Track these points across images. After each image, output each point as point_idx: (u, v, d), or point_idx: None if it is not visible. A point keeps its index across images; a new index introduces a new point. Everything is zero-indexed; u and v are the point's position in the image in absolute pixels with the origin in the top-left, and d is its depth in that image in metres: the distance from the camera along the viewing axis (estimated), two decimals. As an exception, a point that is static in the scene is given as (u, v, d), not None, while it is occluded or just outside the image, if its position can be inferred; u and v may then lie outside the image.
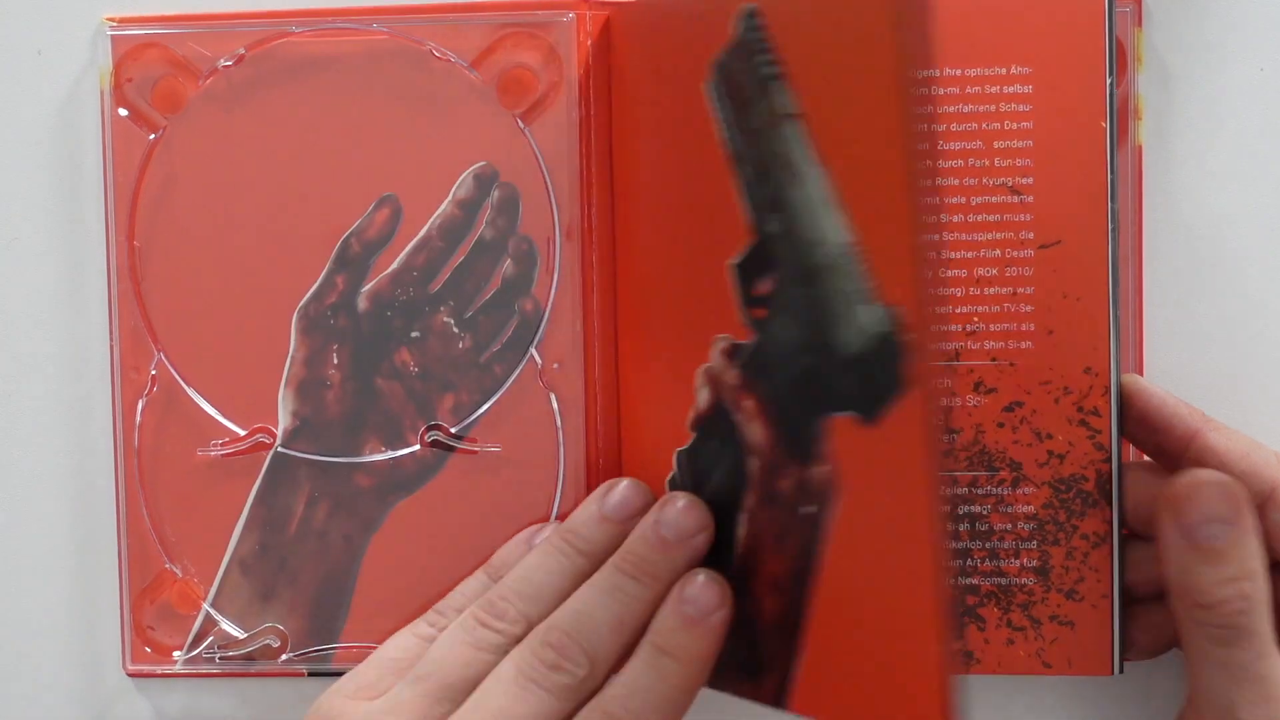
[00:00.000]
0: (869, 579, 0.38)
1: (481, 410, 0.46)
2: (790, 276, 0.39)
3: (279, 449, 0.46)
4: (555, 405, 0.45)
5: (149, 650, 0.46)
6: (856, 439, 0.38)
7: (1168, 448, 0.42)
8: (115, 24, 0.46)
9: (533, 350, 0.45)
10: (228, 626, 0.46)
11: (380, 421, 0.46)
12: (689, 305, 0.42)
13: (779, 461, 0.40)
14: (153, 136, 0.46)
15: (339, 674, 0.45)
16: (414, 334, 0.46)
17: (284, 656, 0.46)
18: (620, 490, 0.43)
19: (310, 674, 0.46)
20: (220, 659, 0.46)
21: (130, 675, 0.47)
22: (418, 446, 0.46)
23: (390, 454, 0.46)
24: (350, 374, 0.46)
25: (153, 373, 0.46)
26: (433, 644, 0.41)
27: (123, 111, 0.46)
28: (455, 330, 0.46)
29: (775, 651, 0.40)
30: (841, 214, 0.37)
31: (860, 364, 0.37)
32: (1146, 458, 0.44)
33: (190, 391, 0.46)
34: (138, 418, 0.46)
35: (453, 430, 0.46)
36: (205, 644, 0.46)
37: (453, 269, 0.46)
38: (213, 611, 0.46)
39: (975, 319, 0.44)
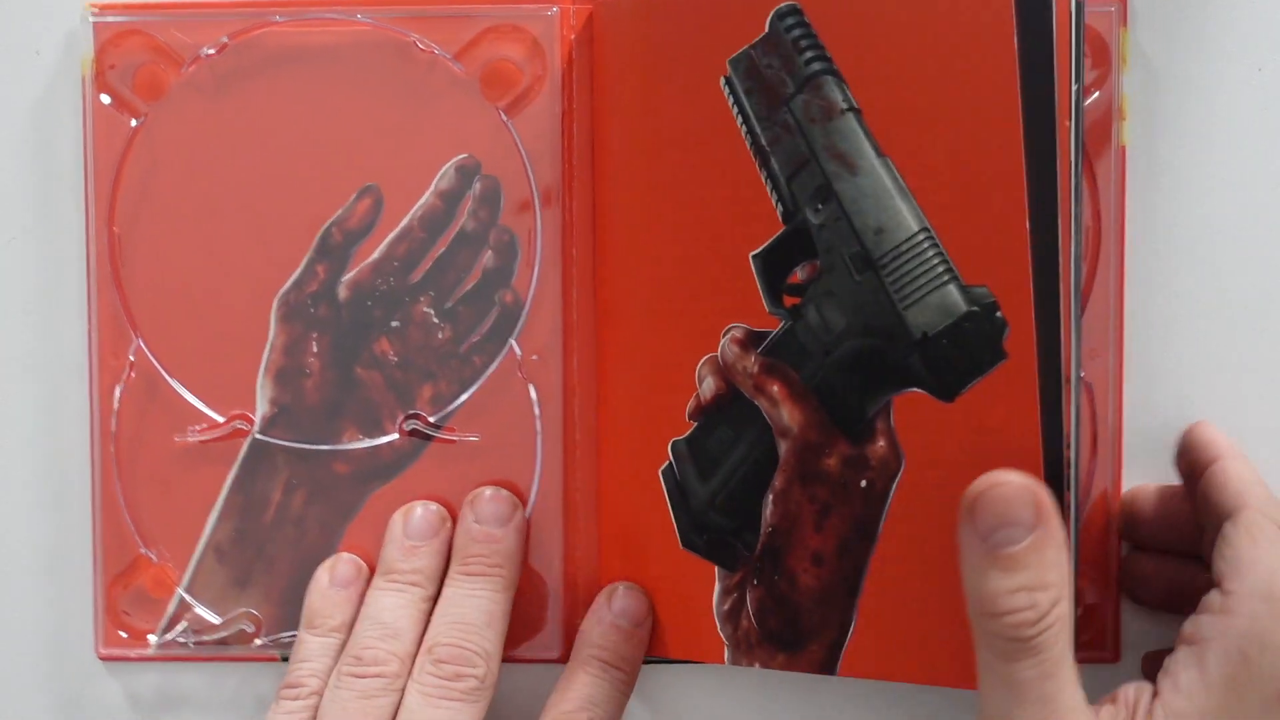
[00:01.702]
0: (940, 540, 0.39)
1: (460, 400, 0.46)
2: (837, 264, 0.40)
3: (256, 436, 0.46)
4: (534, 396, 0.46)
5: (123, 635, 0.47)
6: (925, 414, 0.39)
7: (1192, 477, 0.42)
8: (97, 10, 0.46)
9: (512, 341, 0.46)
10: (202, 612, 0.46)
11: (359, 410, 0.46)
12: (687, 297, 0.43)
13: (821, 441, 0.41)
14: (134, 123, 0.46)
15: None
16: (394, 324, 0.46)
17: (257, 641, 0.46)
18: (416, 514, 0.45)
19: (283, 659, 0.46)
20: (194, 644, 0.46)
21: (103, 659, 0.47)
22: (396, 435, 0.46)
23: (368, 442, 0.46)
24: (330, 362, 0.46)
25: (131, 359, 0.46)
26: (320, 716, 0.42)
27: (105, 98, 0.46)
28: (435, 320, 0.46)
29: (821, 621, 0.41)
30: (911, 202, 0.39)
31: (934, 345, 0.39)
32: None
33: (168, 378, 0.46)
34: (115, 404, 0.46)
35: (431, 419, 0.46)
36: (179, 629, 0.46)
37: (434, 260, 0.46)
38: (187, 596, 0.46)
39: None
